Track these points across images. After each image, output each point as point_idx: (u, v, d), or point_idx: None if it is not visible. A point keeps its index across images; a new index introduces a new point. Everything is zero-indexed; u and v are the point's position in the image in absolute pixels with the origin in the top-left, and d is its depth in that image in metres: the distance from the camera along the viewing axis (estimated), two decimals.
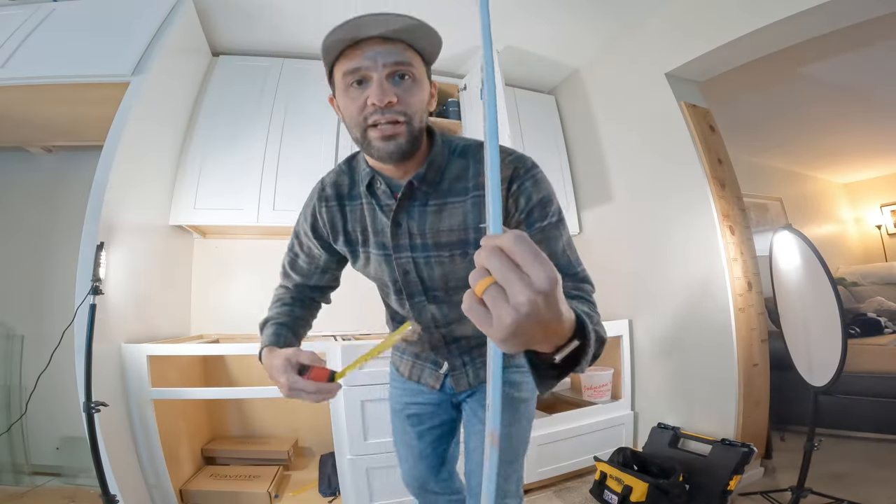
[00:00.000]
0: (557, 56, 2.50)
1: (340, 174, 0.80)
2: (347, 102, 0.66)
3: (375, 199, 0.73)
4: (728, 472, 1.59)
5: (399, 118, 0.64)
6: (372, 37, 0.64)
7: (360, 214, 0.76)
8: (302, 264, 0.87)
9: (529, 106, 2.72)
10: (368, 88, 0.64)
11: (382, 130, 0.63)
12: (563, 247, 0.67)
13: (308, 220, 0.82)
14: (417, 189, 0.71)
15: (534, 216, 0.66)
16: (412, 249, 0.73)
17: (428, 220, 0.71)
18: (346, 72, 0.65)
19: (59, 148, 2.25)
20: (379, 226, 0.74)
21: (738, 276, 1.82)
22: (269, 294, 0.97)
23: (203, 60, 2.19)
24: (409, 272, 0.75)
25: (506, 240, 0.32)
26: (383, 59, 0.63)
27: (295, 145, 2.15)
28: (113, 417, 1.44)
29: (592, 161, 2.54)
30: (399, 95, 0.64)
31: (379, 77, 0.63)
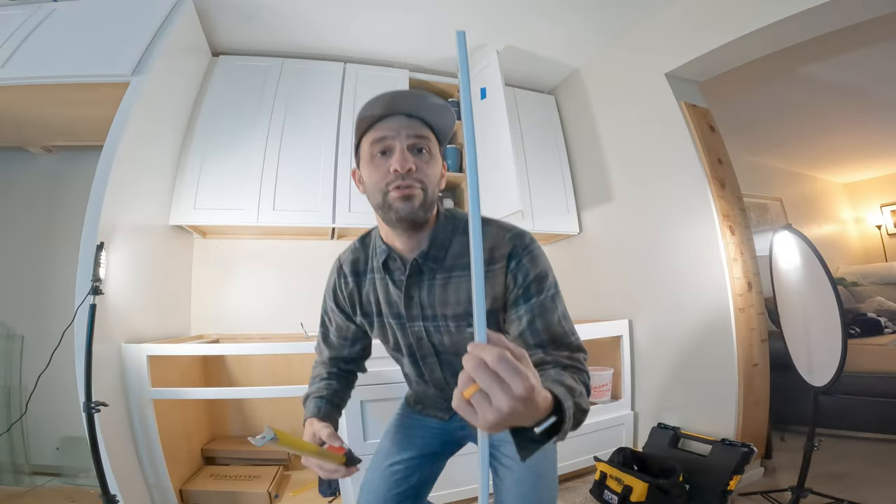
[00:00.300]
0: (557, 56, 2.50)
1: (355, 252, 0.88)
2: (372, 170, 0.75)
3: (389, 275, 0.81)
4: (728, 472, 1.59)
5: (416, 184, 0.72)
6: (397, 112, 0.74)
7: (373, 288, 0.84)
8: (333, 338, 0.94)
9: (529, 106, 2.72)
10: (391, 158, 0.72)
11: (402, 191, 0.71)
12: (559, 318, 0.73)
13: (331, 296, 0.91)
14: (423, 265, 0.78)
15: (531, 291, 0.72)
16: (423, 319, 0.80)
17: (436, 294, 0.78)
18: (374, 141, 0.74)
19: (59, 148, 2.25)
20: (392, 298, 0.82)
21: (738, 276, 1.82)
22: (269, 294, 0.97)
23: (203, 60, 2.20)
24: (423, 338, 0.82)
25: (489, 356, 0.39)
26: (406, 131, 0.73)
27: (295, 145, 2.15)
28: (113, 417, 1.44)
29: (592, 161, 2.54)
30: (418, 165, 0.73)
31: (401, 147, 0.72)
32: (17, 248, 2.16)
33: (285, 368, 2.13)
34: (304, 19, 2.12)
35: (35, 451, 2.00)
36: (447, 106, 0.75)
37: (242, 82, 2.22)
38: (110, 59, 1.67)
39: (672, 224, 2.05)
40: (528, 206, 2.45)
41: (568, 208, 2.60)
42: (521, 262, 0.74)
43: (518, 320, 0.72)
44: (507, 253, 0.74)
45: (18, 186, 2.22)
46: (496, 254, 0.74)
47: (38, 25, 1.72)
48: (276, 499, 1.76)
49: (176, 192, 1.99)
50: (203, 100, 2.14)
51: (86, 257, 1.40)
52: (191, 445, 1.88)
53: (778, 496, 1.64)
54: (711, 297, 1.85)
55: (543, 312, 0.71)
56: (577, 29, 2.25)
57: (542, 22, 2.19)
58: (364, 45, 2.35)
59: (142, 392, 1.57)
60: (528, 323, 0.71)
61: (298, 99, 2.24)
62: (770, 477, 1.87)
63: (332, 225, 2.12)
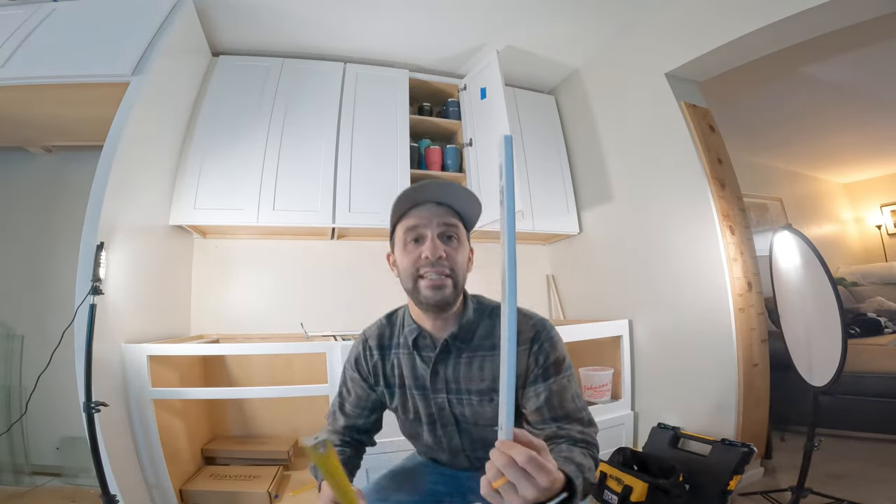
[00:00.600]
0: (557, 56, 2.50)
1: (381, 328, 0.94)
2: (404, 256, 0.81)
3: (418, 351, 0.87)
4: (728, 472, 1.59)
5: (446, 271, 0.78)
6: (429, 201, 0.81)
7: (398, 362, 0.89)
8: (349, 408, 0.96)
9: (529, 106, 2.72)
10: (423, 245, 0.79)
11: (432, 281, 0.78)
12: (573, 396, 0.81)
13: (353, 367, 0.94)
14: (452, 345, 0.85)
15: (550, 371, 0.81)
16: (447, 392, 0.86)
17: (461, 370, 0.84)
18: (407, 228, 0.80)
19: (59, 148, 2.25)
20: (418, 372, 0.87)
21: (738, 276, 1.82)
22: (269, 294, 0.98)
23: (203, 60, 2.20)
24: (445, 409, 0.87)
25: (519, 457, 0.48)
26: (437, 220, 0.79)
27: (295, 145, 2.15)
28: (113, 417, 1.44)
29: (592, 161, 2.54)
30: (447, 252, 0.79)
31: (432, 234, 0.79)
32: (17, 248, 2.16)
33: (285, 368, 2.13)
34: (304, 19, 2.12)
35: (35, 451, 2.00)
36: (474, 195, 0.83)
37: (242, 82, 2.22)
38: (110, 59, 1.67)
39: (672, 224, 2.05)
40: (528, 206, 2.45)
41: (568, 208, 2.60)
42: (542, 345, 0.81)
43: (536, 396, 0.79)
44: (531, 337, 0.81)
45: (18, 186, 2.22)
46: (521, 337, 0.80)
47: (38, 25, 1.72)
48: (276, 499, 1.76)
49: (176, 192, 1.99)
50: (203, 100, 2.14)
51: (86, 257, 1.40)
52: (191, 445, 1.87)
53: (778, 496, 1.64)
54: (711, 297, 1.85)
55: (560, 391, 0.79)
56: (577, 29, 2.25)
57: (542, 22, 2.19)
58: (364, 45, 2.35)
59: (142, 392, 1.57)
60: (545, 400, 0.79)
61: (298, 99, 2.24)
62: (770, 477, 1.87)
63: (331, 225, 2.12)
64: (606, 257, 2.44)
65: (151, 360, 1.59)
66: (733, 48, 1.84)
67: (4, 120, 1.89)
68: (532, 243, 2.87)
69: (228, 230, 2.24)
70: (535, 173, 2.56)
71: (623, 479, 1.64)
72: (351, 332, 2.22)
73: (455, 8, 2.08)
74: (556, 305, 2.79)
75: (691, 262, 1.96)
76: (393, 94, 2.40)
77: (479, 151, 2.37)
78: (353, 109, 2.30)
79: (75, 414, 1.34)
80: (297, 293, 2.36)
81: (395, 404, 0.93)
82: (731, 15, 1.79)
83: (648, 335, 2.18)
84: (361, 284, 2.46)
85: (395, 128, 2.34)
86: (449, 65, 2.54)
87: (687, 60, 1.97)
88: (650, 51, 2.15)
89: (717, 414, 1.83)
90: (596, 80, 2.52)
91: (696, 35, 1.93)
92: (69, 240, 1.85)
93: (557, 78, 2.75)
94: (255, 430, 2.17)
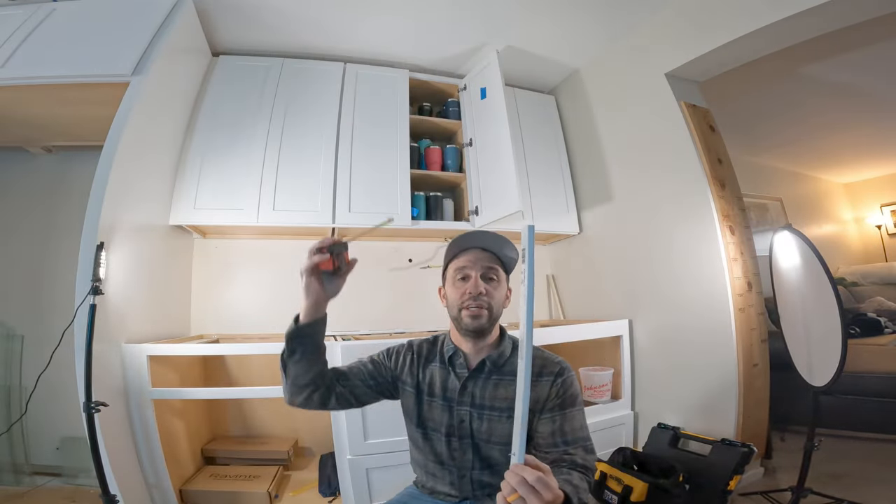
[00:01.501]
0: (557, 56, 2.50)
1: (427, 343, 1.09)
2: (453, 290, 0.99)
3: (452, 367, 1.01)
4: (728, 472, 1.59)
5: (484, 305, 0.95)
6: (476, 246, 0.99)
7: (433, 373, 1.03)
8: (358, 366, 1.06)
9: (529, 106, 2.72)
10: (468, 283, 0.97)
11: (472, 312, 0.95)
12: (581, 426, 0.94)
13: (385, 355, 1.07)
14: (485, 367, 0.99)
15: (566, 402, 0.95)
16: (472, 405, 0.98)
17: (488, 389, 0.98)
18: (457, 269, 0.99)
19: (59, 148, 2.25)
20: (449, 384, 1.00)
21: (738, 276, 1.82)
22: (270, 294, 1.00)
23: (203, 60, 2.20)
24: (465, 420, 0.98)
25: (530, 477, 0.60)
26: (480, 263, 0.97)
27: (295, 145, 2.15)
28: (113, 417, 1.44)
29: (592, 161, 2.54)
30: (487, 290, 0.96)
31: (475, 275, 0.96)
32: (17, 248, 2.16)
33: None
34: (304, 19, 2.12)
35: (35, 451, 2.00)
36: (511, 243, 1.00)
37: (242, 82, 2.22)
38: (110, 59, 1.67)
39: (672, 224, 2.05)
40: (528, 206, 2.45)
41: (568, 208, 2.60)
42: (565, 380, 0.96)
43: (552, 421, 0.93)
44: (556, 371, 0.97)
45: (18, 186, 2.23)
46: (545, 370, 0.97)
47: (38, 25, 1.72)
48: (276, 499, 1.76)
49: (176, 192, 1.99)
50: (203, 100, 2.14)
51: (86, 257, 1.40)
52: (191, 445, 1.88)
53: (778, 496, 1.64)
54: (711, 297, 1.85)
55: (571, 419, 0.93)
56: (577, 29, 2.25)
57: (542, 22, 2.19)
58: (364, 45, 2.35)
59: (142, 392, 1.57)
60: (559, 425, 0.93)
61: (298, 99, 2.24)
62: (770, 477, 1.87)
63: (332, 225, 2.12)
64: (606, 257, 2.44)
65: (151, 360, 1.59)
66: (733, 48, 1.84)
67: (4, 120, 1.89)
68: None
69: (228, 230, 2.24)
70: (535, 173, 2.56)
71: (623, 479, 1.64)
72: (351, 332, 2.22)
73: (455, 8, 2.08)
74: (556, 305, 2.79)
75: (691, 262, 1.96)
76: (393, 94, 2.40)
77: (479, 151, 2.37)
78: (353, 109, 2.30)
79: (75, 414, 1.34)
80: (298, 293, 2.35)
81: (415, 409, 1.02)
82: (731, 15, 1.79)
83: (648, 335, 2.18)
84: (361, 284, 2.46)
85: (395, 128, 2.34)
86: (449, 65, 2.54)
87: (687, 60, 1.97)
88: (650, 51, 2.15)
89: (717, 414, 1.83)
90: (596, 80, 2.53)
91: (696, 35, 1.93)
92: (69, 240, 1.85)
93: (557, 78, 2.75)
94: (255, 430, 2.17)
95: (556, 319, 2.75)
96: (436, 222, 2.37)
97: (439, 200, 2.47)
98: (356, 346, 1.71)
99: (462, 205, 2.49)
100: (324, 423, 1.70)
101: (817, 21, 1.63)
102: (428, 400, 1.02)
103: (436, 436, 1.01)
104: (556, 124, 2.77)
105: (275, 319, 2.30)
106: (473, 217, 2.34)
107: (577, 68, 2.62)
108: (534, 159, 2.58)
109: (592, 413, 2.08)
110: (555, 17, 2.15)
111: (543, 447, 0.92)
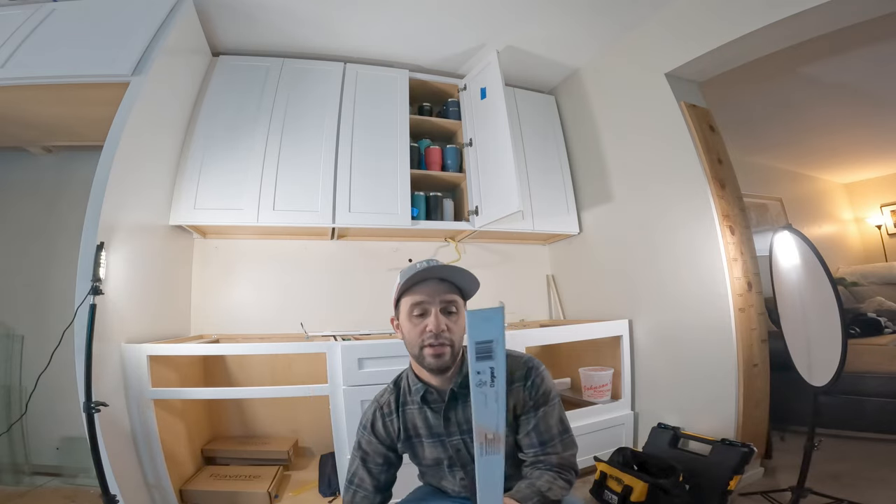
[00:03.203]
0: (557, 56, 2.50)
1: (391, 393, 1.05)
2: (410, 328, 0.94)
3: (427, 405, 0.99)
4: (728, 472, 1.59)
5: (446, 342, 0.91)
6: (432, 277, 0.94)
7: (412, 416, 1.01)
8: (372, 465, 1.02)
9: (529, 106, 2.72)
10: (427, 318, 0.92)
11: (435, 350, 0.91)
12: (558, 420, 0.96)
13: (370, 431, 1.03)
14: (458, 393, 0.97)
15: (540, 402, 0.96)
16: (461, 433, 0.97)
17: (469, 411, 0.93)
18: (413, 304, 0.93)
19: (59, 148, 2.25)
20: (431, 422, 0.99)
21: (738, 276, 1.82)
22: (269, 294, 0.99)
23: (203, 60, 2.20)
24: (461, 449, 0.98)
25: None
26: (439, 297, 0.92)
27: (295, 145, 2.15)
28: (113, 417, 1.44)
29: (592, 161, 2.54)
30: (448, 325, 0.92)
31: (436, 311, 0.91)
32: (17, 248, 2.16)
33: (285, 368, 2.14)
34: (303, 19, 2.12)
35: (35, 451, 2.00)
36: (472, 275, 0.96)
37: (242, 82, 2.22)
38: (110, 59, 1.67)
39: (672, 224, 2.05)
40: (528, 206, 2.45)
41: (568, 208, 2.60)
42: (534, 381, 0.96)
43: (527, 423, 0.95)
44: (524, 374, 0.96)
45: (18, 186, 2.23)
46: (516, 375, 0.96)
47: (38, 25, 1.72)
48: (276, 499, 1.76)
49: (176, 192, 1.99)
50: (203, 100, 2.14)
51: (86, 257, 1.40)
52: (191, 445, 1.87)
53: (778, 496, 1.64)
54: (711, 297, 1.85)
55: (546, 419, 0.95)
56: (578, 29, 2.25)
57: (542, 22, 2.19)
58: (364, 45, 2.35)
59: (142, 392, 1.57)
60: (534, 426, 0.94)
61: (298, 99, 2.24)
62: (770, 477, 1.87)
63: (331, 225, 2.12)
64: (606, 257, 2.44)
65: (151, 360, 1.59)
66: (733, 48, 1.84)
67: (4, 120, 1.89)
68: (532, 243, 2.87)
69: (228, 230, 2.24)
70: (535, 173, 2.56)
71: (623, 479, 1.64)
72: (351, 333, 2.22)
73: (455, 8, 2.08)
74: (556, 305, 2.79)
75: (691, 262, 1.96)
76: (393, 93, 2.40)
77: (478, 151, 2.37)
78: (353, 109, 2.30)
79: (75, 414, 1.34)
80: (297, 293, 2.36)
81: (416, 452, 1.03)
82: (731, 15, 1.79)
83: (648, 335, 2.18)
84: (361, 284, 2.46)
85: (395, 127, 2.34)
86: (449, 65, 2.54)
87: (687, 60, 1.97)
88: (650, 51, 2.15)
89: (717, 414, 1.83)
90: (596, 80, 2.53)
91: (696, 35, 1.93)
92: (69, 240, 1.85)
93: (557, 78, 2.75)
94: (255, 430, 2.17)
95: (556, 319, 2.75)
96: (436, 222, 2.37)
97: (439, 200, 2.47)
98: (356, 347, 1.71)
99: (462, 205, 2.49)
100: (324, 423, 1.70)
101: (817, 21, 1.63)
102: (417, 441, 1.01)
103: (440, 470, 1.03)
104: (556, 124, 2.77)
105: (275, 319, 2.30)
106: (473, 217, 2.34)
107: (577, 68, 2.62)
108: (534, 159, 2.59)
109: (592, 413, 2.08)
110: (555, 17, 2.15)
111: (525, 448, 0.95)
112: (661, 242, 2.11)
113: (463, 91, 2.54)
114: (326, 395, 1.67)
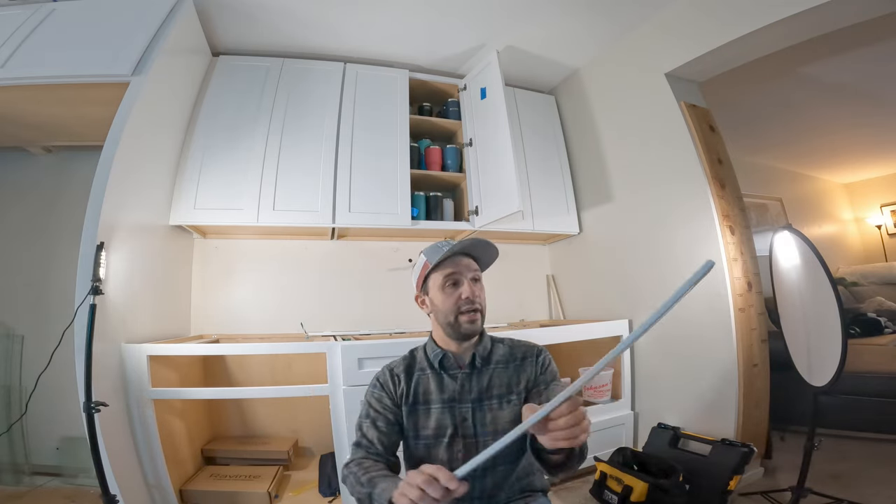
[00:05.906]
0: (557, 56, 2.50)
1: (405, 360, 1.11)
2: (444, 298, 1.02)
3: (444, 370, 1.05)
4: (728, 472, 1.59)
5: (479, 307, 1.03)
6: (458, 253, 1.05)
7: (425, 381, 1.06)
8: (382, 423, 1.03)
9: (529, 106, 2.72)
10: (460, 288, 1.02)
11: (470, 317, 1.01)
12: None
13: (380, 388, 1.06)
14: (477, 361, 1.05)
15: (549, 377, 1.06)
16: (471, 401, 1.03)
17: (484, 381, 1.05)
18: (447, 276, 1.03)
19: (59, 148, 2.25)
20: (446, 387, 1.04)
21: (738, 276, 1.82)
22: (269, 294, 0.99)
23: (203, 60, 2.20)
24: (467, 419, 1.02)
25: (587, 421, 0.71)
26: (468, 269, 1.04)
27: (295, 145, 2.15)
28: (113, 417, 1.44)
29: (592, 161, 2.54)
30: (477, 293, 1.03)
31: (468, 281, 1.02)
32: (17, 248, 2.16)
33: (285, 368, 2.14)
34: (304, 19, 2.12)
35: (35, 451, 2.00)
36: (492, 244, 1.06)
37: (242, 82, 2.22)
38: (110, 59, 1.67)
39: (672, 224, 2.05)
40: (528, 206, 2.45)
41: (568, 208, 2.60)
42: (543, 359, 1.08)
43: (538, 395, 1.02)
44: (535, 352, 1.08)
45: (18, 186, 2.23)
46: (527, 354, 1.08)
47: (38, 25, 1.72)
48: (276, 499, 1.76)
49: (176, 192, 1.99)
50: (203, 100, 2.14)
51: (86, 257, 1.40)
52: (191, 445, 1.88)
53: (778, 496, 1.64)
54: (711, 297, 1.85)
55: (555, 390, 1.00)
56: (577, 29, 2.25)
57: (541, 22, 2.19)
58: (364, 45, 2.35)
59: (142, 392, 1.57)
60: (545, 398, 0.99)
61: (298, 99, 2.24)
62: (770, 477, 1.87)
63: (331, 225, 2.12)
64: (606, 257, 2.44)
65: (151, 360, 1.59)
66: (733, 48, 1.84)
67: (4, 120, 1.89)
68: (532, 243, 2.87)
69: (228, 230, 2.24)
70: (535, 173, 2.56)
71: (623, 479, 1.64)
72: (351, 333, 2.22)
73: (455, 8, 2.08)
74: (556, 305, 2.79)
75: (691, 262, 1.95)
76: (393, 93, 2.40)
77: (479, 151, 2.37)
78: (353, 109, 2.30)
79: (75, 414, 1.34)
80: (297, 293, 2.36)
81: (412, 422, 1.03)
82: (731, 15, 1.79)
83: (648, 335, 2.16)
84: (361, 284, 2.46)
85: (394, 127, 2.34)
86: (449, 65, 2.54)
87: (687, 60, 1.97)
88: (650, 51, 2.15)
89: (717, 414, 1.83)
90: (596, 80, 2.53)
91: (696, 35, 1.93)
92: (69, 240, 1.85)
93: (557, 78, 2.75)
94: (255, 430, 2.17)
95: (556, 319, 2.75)
96: (436, 222, 2.37)
97: (439, 200, 2.47)
98: (356, 346, 1.71)
99: (462, 205, 2.49)
100: (324, 423, 1.70)
101: (817, 21, 1.63)
102: (424, 409, 1.04)
103: (437, 442, 1.02)
104: (556, 124, 2.77)
105: (275, 319, 2.30)
106: (473, 217, 2.34)
107: (577, 68, 2.62)
108: (534, 159, 2.59)
109: (593, 413, 2.08)
110: (555, 17, 2.15)
111: None
112: (662, 242, 2.11)
113: (463, 91, 2.54)
114: (326, 395, 1.67)
